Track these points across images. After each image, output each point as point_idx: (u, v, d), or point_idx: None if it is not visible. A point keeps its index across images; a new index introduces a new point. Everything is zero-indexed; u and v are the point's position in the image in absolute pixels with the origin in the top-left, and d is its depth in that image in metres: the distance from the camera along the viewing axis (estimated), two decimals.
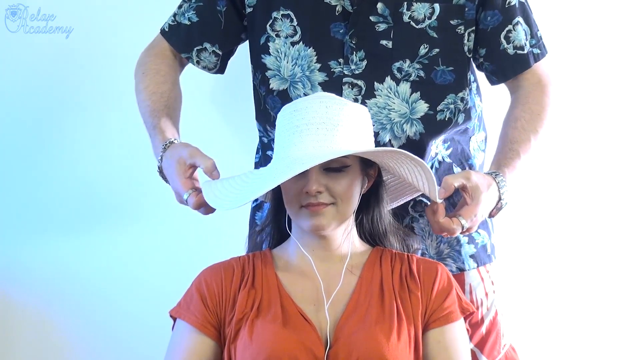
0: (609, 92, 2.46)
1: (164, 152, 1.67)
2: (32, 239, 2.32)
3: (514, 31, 1.79)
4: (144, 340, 2.33)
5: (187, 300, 1.61)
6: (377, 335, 1.50)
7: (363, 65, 1.76)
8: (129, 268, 2.34)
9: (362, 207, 1.64)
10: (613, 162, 2.48)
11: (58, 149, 2.31)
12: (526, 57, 1.81)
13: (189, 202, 1.61)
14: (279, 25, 1.79)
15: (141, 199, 2.33)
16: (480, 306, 1.87)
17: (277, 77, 1.81)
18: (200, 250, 2.22)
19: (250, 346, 1.51)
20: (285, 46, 1.79)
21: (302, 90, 1.78)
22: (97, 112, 2.31)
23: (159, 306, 1.80)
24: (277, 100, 1.81)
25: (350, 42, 1.76)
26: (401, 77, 1.77)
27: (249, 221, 1.95)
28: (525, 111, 1.79)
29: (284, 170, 1.50)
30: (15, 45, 2.26)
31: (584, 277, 2.50)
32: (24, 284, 2.33)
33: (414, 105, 1.78)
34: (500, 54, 1.80)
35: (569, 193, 2.49)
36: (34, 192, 2.30)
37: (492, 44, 1.80)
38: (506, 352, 1.92)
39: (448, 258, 1.86)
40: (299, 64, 1.78)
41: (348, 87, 1.77)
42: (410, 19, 1.75)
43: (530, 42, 1.81)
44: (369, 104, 1.76)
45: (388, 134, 1.78)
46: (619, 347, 2.52)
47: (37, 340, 2.35)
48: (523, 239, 2.47)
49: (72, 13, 2.27)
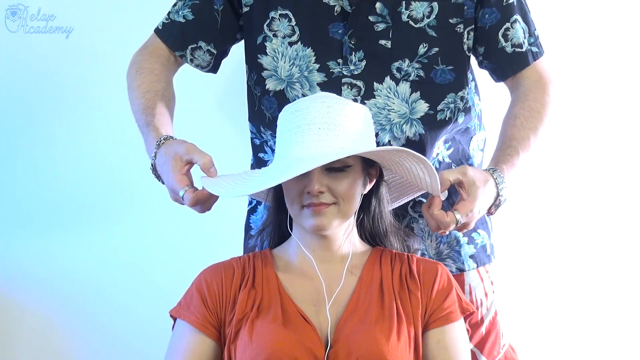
0: (609, 92, 2.46)
1: (157, 148, 1.63)
2: (31, 238, 2.32)
3: (512, 29, 1.78)
4: (144, 340, 2.33)
5: (187, 300, 1.61)
6: (377, 336, 1.50)
7: (362, 66, 1.76)
8: (129, 268, 2.34)
9: (364, 206, 1.64)
10: (611, 161, 2.49)
11: (57, 148, 2.31)
12: (525, 55, 1.80)
13: (185, 198, 1.56)
14: (277, 25, 1.78)
15: (142, 198, 2.33)
16: (480, 306, 1.87)
17: (273, 78, 1.80)
18: (200, 250, 2.22)
19: (250, 346, 1.51)
20: (282, 46, 1.78)
21: (300, 91, 1.77)
22: (97, 112, 2.31)
23: (159, 306, 1.81)
24: (272, 100, 1.80)
25: (349, 43, 1.75)
26: (400, 77, 1.76)
27: (245, 225, 1.94)
28: (525, 109, 1.78)
29: (285, 169, 1.50)
30: (15, 45, 2.26)
31: (583, 276, 2.50)
32: (22, 283, 2.33)
33: (414, 105, 1.77)
34: (499, 52, 1.80)
35: (568, 192, 2.49)
36: (33, 191, 2.30)
37: (491, 42, 1.79)
38: (505, 352, 1.92)
39: (448, 259, 1.86)
40: (296, 64, 1.78)
41: (347, 88, 1.76)
42: (409, 18, 1.75)
43: (528, 41, 1.80)
44: (368, 104, 1.75)
45: (387, 135, 1.77)
46: (618, 347, 2.52)
47: (36, 340, 2.35)
48: (522, 239, 2.47)
49: (72, 13, 2.27)
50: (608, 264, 2.50)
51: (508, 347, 1.93)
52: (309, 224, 1.55)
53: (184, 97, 2.03)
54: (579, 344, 2.51)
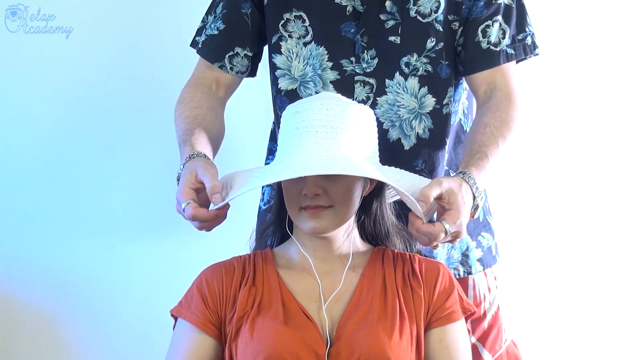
0: (614, 96, 2.47)
1: (186, 161, 1.62)
2: (33, 238, 2.32)
3: (491, 27, 1.79)
4: (144, 340, 2.33)
5: (188, 299, 1.61)
6: (379, 334, 1.50)
7: (374, 64, 1.78)
8: (129, 267, 2.33)
9: (365, 208, 1.64)
10: (611, 161, 2.49)
11: (57, 148, 2.30)
12: (497, 55, 1.80)
13: (186, 211, 1.54)
14: (292, 26, 1.81)
15: (142, 198, 2.33)
16: (483, 301, 1.88)
17: (286, 77, 1.82)
18: (201, 249, 2.22)
19: (251, 344, 1.51)
20: (297, 47, 1.81)
21: (313, 90, 1.80)
22: (96, 113, 2.30)
23: (160, 305, 1.81)
24: (284, 100, 1.82)
25: (361, 41, 1.78)
26: (409, 71, 1.78)
27: (258, 222, 1.95)
28: (496, 119, 1.75)
29: (276, 173, 1.51)
30: (15, 45, 2.25)
31: (583, 274, 2.51)
32: (25, 284, 2.33)
33: (423, 100, 1.79)
34: (474, 45, 1.80)
35: (568, 190, 2.50)
36: (36, 192, 2.30)
37: (470, 34, 1.80)
38: (507, 347, 1.93)
39: (457, 263, 1.87)
40: (310, 63, 1.80)
41: (360, 85, 1.78)
42: (416, 13, 1.77)
43: (505, 42, 1.80)
44: (380, 101, 1.78)
45: (397, 131, 1.79)
46: (617, 344, 2.53)
47: (38, 340, 2.35)
48: (523, 237, 2.48)
49: (72, 13, 2.27)
50: (607, 261, 2.51)
51: (510, 342, 1.95)
52: (306, 226, 1.56)
53: None
54: (579, 340, 2.52)
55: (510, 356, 1.94)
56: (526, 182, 2.48)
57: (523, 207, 2.46)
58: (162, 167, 2.28)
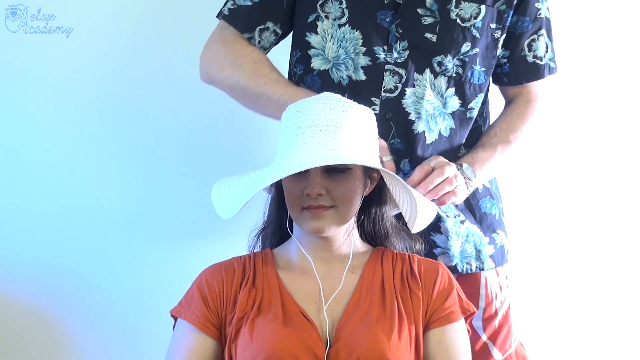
0: (626, 99, 2.48)
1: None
2: (33, 238, 2.31)
3: (537, 41, 1.88)
4: (144, 340, 2.32)
5: (188, 299, 1.61)
6: (378, 335, 1.50)
7: (405, 55, 1.81)
8: (129, 267, 2.33)
9: (364, 208, 1.64)
10: (623, 165, 2.51)
11: (57, 148, 2.30)
12: (541, 68, 1.91)
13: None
14: (329, 7, 1.82)
15: (141, 198, 2.33)
16: (495, 299, 1.90)
17: (320, 57, 1.84)
18: (201, 249, 2.22)
19: (251, 345, 1.51)
20: (332, 28, 1.82)
21: (345, 72, 1.81)
22: (96, 113, 2.30)
23: (160, 305, 1.80)
24: (316, 80, 1.84)
25: (395, 32, 1.80)
26: (440, 71, 1.82)
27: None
28: (504, 121, 1.91)
29: (280, 171, 1.51)
30: (15, 45, 2.25)
31: (590, 277, 2.52)
32: (24, 284, 2.32)
33: (447, 100, 1.84)
34: (520, 58, 1.89)
35: (578, 191, 2.50)
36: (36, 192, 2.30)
37: (516, 47, 1.88)
38: (516, 347, 1.95)
39: (470, 258, 1.88)
40: (343, 45, 1.82)
41: (389, 74, 1.81)
42: (457, 16, 1.81)
43: (548, 56, 1.90)
44: (408, 92, 1.81)
45: (422, 124, 1.82)
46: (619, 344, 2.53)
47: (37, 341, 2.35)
48: (531, 240, 2.48)
49: (72, 13, 2.26)
50: (615, 263, 2.51)
51: (518, 343, 1.96)
52: (308, 226, 1.56)
53: (195, 99, 2.03)
54: (586, 345, 2.52)
55: (519, 357, 1.96)
56: (536, 185, 2.48)
57: (533, 210, 2.47)
58: (162, 167, 2.27)
